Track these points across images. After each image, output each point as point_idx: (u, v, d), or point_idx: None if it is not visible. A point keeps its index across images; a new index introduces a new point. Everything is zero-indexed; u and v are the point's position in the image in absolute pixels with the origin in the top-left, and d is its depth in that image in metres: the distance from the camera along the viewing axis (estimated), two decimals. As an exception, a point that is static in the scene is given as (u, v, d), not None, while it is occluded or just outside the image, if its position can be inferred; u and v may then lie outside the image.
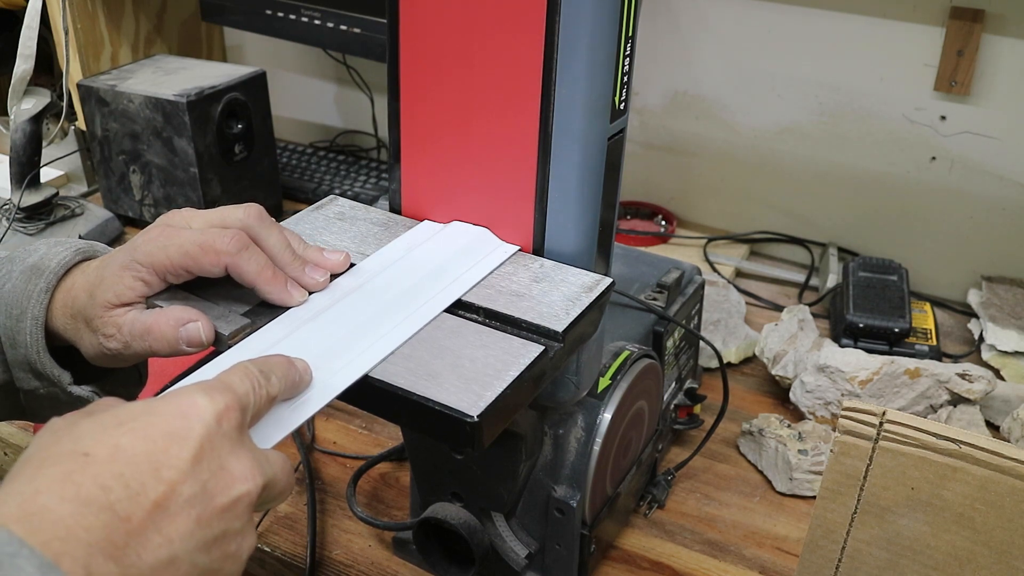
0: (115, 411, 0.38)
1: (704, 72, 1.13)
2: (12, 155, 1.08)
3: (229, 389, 0.40)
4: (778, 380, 0.90)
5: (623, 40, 0.55)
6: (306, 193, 1.25)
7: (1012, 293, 1.03)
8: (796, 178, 1.13)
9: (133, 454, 0.36)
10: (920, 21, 0.99)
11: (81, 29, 1.18)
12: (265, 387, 0.43)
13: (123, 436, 0.37)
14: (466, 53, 0.56)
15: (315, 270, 0.54)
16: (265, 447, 0.43)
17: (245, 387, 0.41)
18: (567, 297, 0.55)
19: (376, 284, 0.56)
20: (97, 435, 0.37)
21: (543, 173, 0.56)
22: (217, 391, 0.40)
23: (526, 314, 0.53)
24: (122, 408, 0.39)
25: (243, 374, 0.42)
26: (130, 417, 0.38)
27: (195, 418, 0.38)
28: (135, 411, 0.38)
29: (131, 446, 0.36)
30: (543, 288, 0.55)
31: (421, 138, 0.60)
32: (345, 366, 0.48)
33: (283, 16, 1.20)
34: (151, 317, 0.50)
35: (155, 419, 0.38)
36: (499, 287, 0.56)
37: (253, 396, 0.42)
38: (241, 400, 0.41)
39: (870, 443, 0.51)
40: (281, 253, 0.53)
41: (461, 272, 0.57)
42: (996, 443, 0.48)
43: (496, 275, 0.57)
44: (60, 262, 0.53)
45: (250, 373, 0.42)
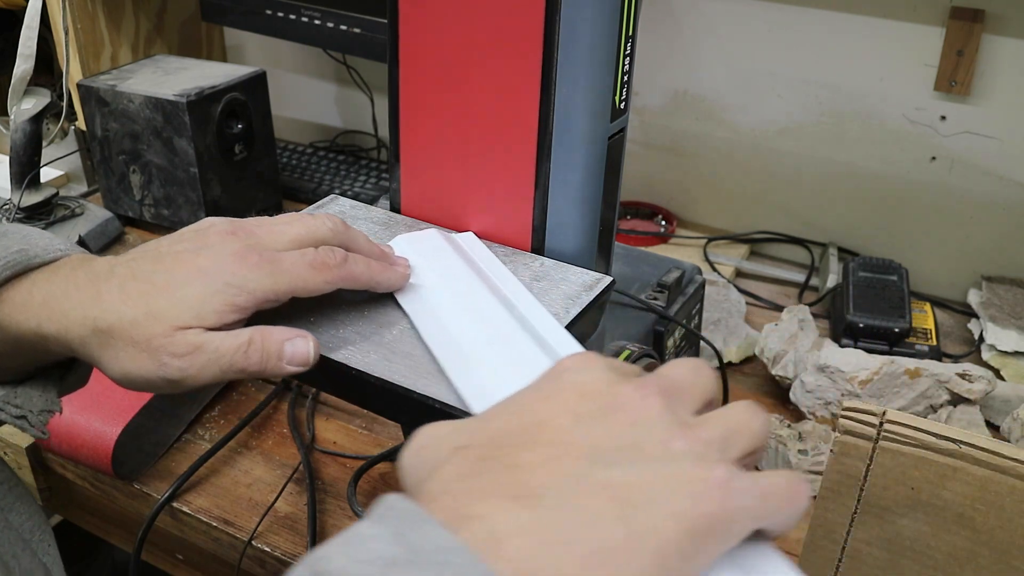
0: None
1: (704, 72, 1.13)
2: (12, 155, 1.08)
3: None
4: (778, 380, 0.90)
5: (623, 40, 0.55)
6: (306, 193, 1.25)
7: (1012, 293, 1.03)
8: (796, 178, 1.13)
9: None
10: (920, 21, 0.99)
11: (81, 29, 1.18)
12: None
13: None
14: (466, 53, 0.56)
15: (397, 257, 0.56)
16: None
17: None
18: (567, 296, 0.55)
19: (449, 303, 0.54)
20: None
21: (543, 172, 0.56)
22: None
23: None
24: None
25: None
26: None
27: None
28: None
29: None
30: (543, 287, 0.55)
31: (421, 138, 0.60)
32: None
33: (283, 16, 1.20)
34: (248, 333, 0.48)
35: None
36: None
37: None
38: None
39: (870, 443, 0.51)
40: (372, 251, 0.54)
41: (481, 268, 0.57)
42: (996, 443, 0.48)
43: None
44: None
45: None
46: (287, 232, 0.51)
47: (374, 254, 0.54)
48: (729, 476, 0.33)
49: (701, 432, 0.35)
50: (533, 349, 0.48)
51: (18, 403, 0.52)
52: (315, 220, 0.52)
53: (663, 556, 0.32)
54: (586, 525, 0.32)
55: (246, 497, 0.78)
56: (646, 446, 0.34)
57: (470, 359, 0.48)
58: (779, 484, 0.35)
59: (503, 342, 0.49)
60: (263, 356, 0.47)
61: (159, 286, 0.47)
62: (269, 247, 0.50)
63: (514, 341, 0.49)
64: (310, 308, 0.53)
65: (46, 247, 0.51)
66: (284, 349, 0.48)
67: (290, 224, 0.51)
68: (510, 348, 0.48)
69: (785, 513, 0.35)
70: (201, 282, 0.47)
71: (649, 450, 0.34)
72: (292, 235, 0.51)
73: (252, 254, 0.48)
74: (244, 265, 0.48)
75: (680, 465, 0.34)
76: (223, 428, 0.85)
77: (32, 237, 0.51)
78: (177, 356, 0.46)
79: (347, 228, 0.53)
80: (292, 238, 0.51)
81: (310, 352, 0.49)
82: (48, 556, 0.57)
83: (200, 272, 0.48)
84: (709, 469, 0.33)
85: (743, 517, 0.33)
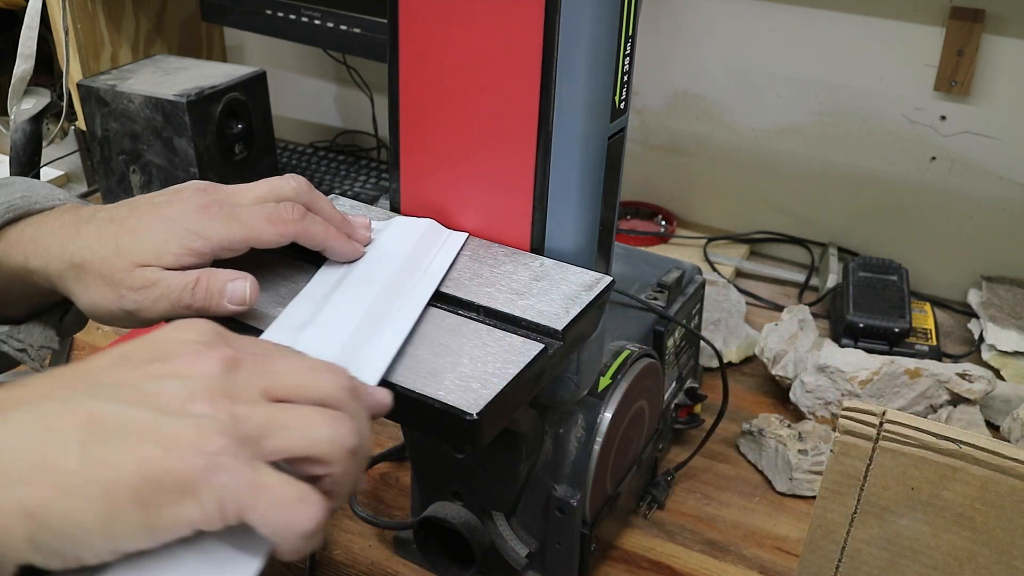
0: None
1: (704, 72, 1.13)
2: (12, 155, 1.08)
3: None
4: (778, 380, 0.90)
5: (623, 40, 0.55)
6: (306, 193, 1.25)
7: (1012, 293, 1.03)
8: (796, 178, 1.13)
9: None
10: (920, 21, 0.99)
11: (81, 29, 1.18)
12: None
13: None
14: (466, 53, 0.56)
15: (361, 227, 0.58)
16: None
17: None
18: (567, 296, 0.55)
19: (358, 276, 0.56)
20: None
21: (543, 172, 0.56)
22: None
23: (526, 312, 0.53)
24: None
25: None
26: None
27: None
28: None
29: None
30: (543, 287, 0.55)
31: (421, 138, 0.60)
32: (365, 368, 0.47)
33: (283, 16, 1.20)
34: (196, 272, 0.51)
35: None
36: (499, 285, 0.56)
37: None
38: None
39: (870, 443, 0.51)
40: (333, 215, 0.57)
41: (427, 263, 0.57)
42: (996, 443, 0.48)
43: (496, 273, 0.57)
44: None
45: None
46: (253, 190, 0.55)
47: (334, 219, 0.56)
48: (222, 450, 0.33)
49: (240, 409, 0.35)
50: (338, 347, 0.49)
51: (20, 338, 0.58)
52: (281, 180, 0.56)
53: (112, 493, 0.32)
54: (44, 442, 0.33)
55: (246, 497, 0.78)
56: (164, 397, 0.35)
57: (283, 327, 0.50)
58: (283, 491, 0.34)
59: (326, 330, 0.50)
60: (207, 294, 0.51)
61: (129, 228, 0.52)
62: (233, 202, 0.53)
63: (335, 332, 0.50)
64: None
65: (47, 195, 0.56)
66: (226, 288, 0.51)
67: (257, 185, 0.55)
68: (326, 337, 0.50)
69: (277, 521, 0.34)
70: (165, 227, 0.51)
71: (163, 400, 0.35)
72: (257, 192, 0.54)
73: (214, 206, 0.53)
74: (205, 215, 0.52)
75: (181, 422, 0.34)
76: (223, 428, 0.85)
77: (36, 187, 0.57)
78: (134, 289, 0.50)
79: (311, 190, 0.56)
80: (257, 195, 0.54)
81: (247, 291, 0.51)
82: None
83: (166, 219, 0.52)
84: (205, 436, 0.33)
85: (222, 495, 0.33)
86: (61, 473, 0.32)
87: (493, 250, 0.60)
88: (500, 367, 0.49)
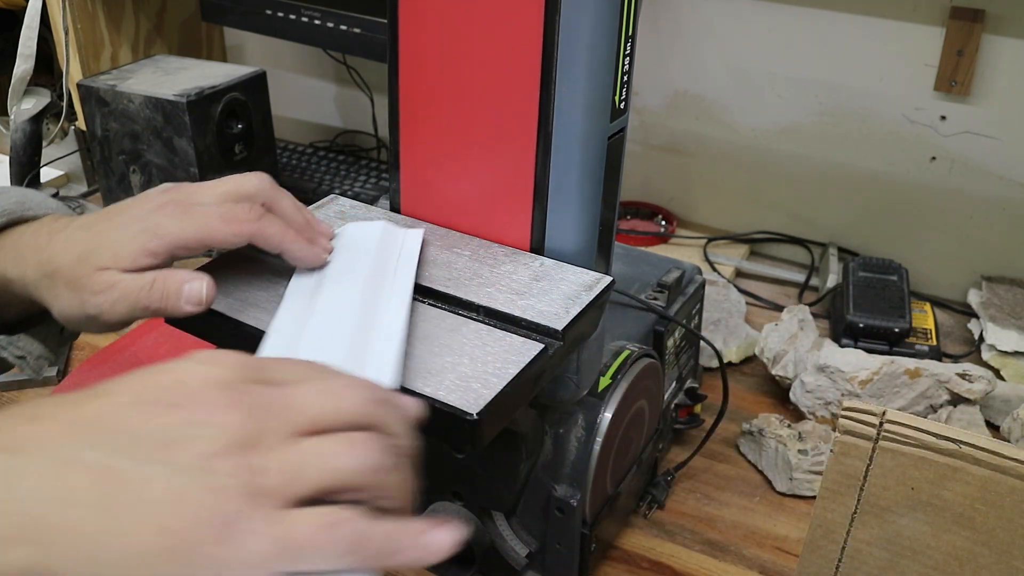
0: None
1: (704, 72, 1.13)
2: (12, 155, 1.09)
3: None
4: (778, 380, 0.90)
5: (623, 40, 0.55)
6: (306, 193, 1.25)
7: (1012, 293, 1.03)
8: (796, 178, 1.13)
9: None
10: (920, 21, 0.99)
11: (81, 29, 1.18)
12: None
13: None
14: (466, 53, 0.56)
15: (322, 235, 0.57)
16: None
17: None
18: (567, 296, 0.55)
19: (332, 282, 0.54)
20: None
21: (543, 172, 0.56)
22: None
23: (526, 312, 0.53)
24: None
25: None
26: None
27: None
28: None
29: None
30: (543, 287, 0.55)
31: (421, 138, 0.60)
32: (379, 375, 0.46)
33: (283, 16, 1.20)
34: (153, 274, 0.51)
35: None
36: (499, 285, 0.56)
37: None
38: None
39: (870, 443, 0.51)
40: (295, 217, 0.55)
41: (395, 262, 0.57)
42: (996, 443, 0.48)
43: (496, 273, 0.57)
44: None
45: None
46: (216, 188, 0.54)
47: (295, 222, 0.55)
48: (241, 515, 0.32)
49: (258, 460, 0.33)
50: (338, 351, 0.48)
51: (20, 345, 0.59)
52: (244, 177, 0.55)
53: (130, 561, 0.31)
54: (57, 499, 0.31)
55: (246, 497, 0.78)
56: (184, 451, 0.33)
57: (280, 340, 0.50)
58: (310, 526, 0.32)
59: (323, 341, 0.49)
60: (163, 294, 0.50)
61: (94, 233, 0.52)
62: (193, 201, 0.53)
63: (332, 342, 0.49)
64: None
65: (40, 203, 0.56)
66: (183, 288, 0.51)
67: (220, 183, 0.54)
68: (325, 347, 0.48)
69: (325, 554, 0.33)
70: (124, 229, 0.51)
71: (182, 455, 0.33)
72: (219, 191, 0.53)
73: (170, 204, 0.52)
74: (160, 214, 0.51)
75: (201, 484, 0.32)
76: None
77: (30, 194, 0.57)
78: (94, 293, 0.50)
79: (274, 188, 0.55)
80: (219, 194, 0.53)
81: (203, 291, 0.51)
82: None
83: (126, 220, 0.52)
84: (221, 499, 0.32)
85: (250, 559, 0.31)
86: (76, 536, 0.31)
87: (493, 250, 0.60)
88: (500, 367, 0.49)
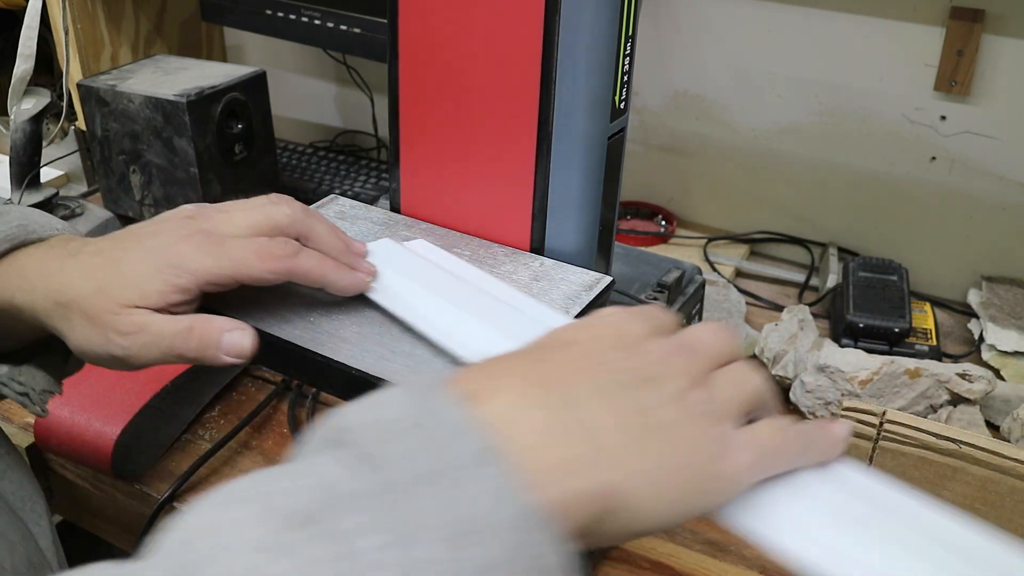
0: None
1: (704, 72, 1.13)
2: (12, 155, 1.08)
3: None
4: (778, 380, 0.90)
5: (623, 40, 0.55)
6: (306, 193, 1.25)
7: (1012, 293, 1.03)
8: (796, 178, 1.13)
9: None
10: (920, 21, 0.99)
11: (81, 29, 1.18)
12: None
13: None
14: (466, 53, 0.56)
15: (359, 253, 0.54)
16: None
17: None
18: (567, 296, 0.55)
19: (422, 292, 0.54)
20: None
21: (543, 172, 0.56)
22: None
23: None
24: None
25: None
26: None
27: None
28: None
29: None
30: (543, 287, 0.55)
31: (421, 138, 0.60)
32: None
33: (283, 16, 1.20)
34: (190, 319, 0.48)
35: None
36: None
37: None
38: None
39: (870, 443, 0.51)
40: (333, 244, 0.53)
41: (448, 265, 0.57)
42: (996, 443, 0.48)
43: (496, 273, 0.57)
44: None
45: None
46: (244, 218, 0.51)
47: (334, 250, 0.52)
48: (724, 435, 0.37)
49: (713, 391, 0.38)
50: (531, 325, 0.48)
51: (22, 380, 0.54)
52: (275, 207, 0.52)
53: (664, 477, 0.34)
54: (603, 428, 0.34)
55: (246, 497, 0.78)
56: (663, 387, 0.37)
57: (471, 339, 0.49)
58: (774, 437, 0.38)
59: (499, 325, 0.49)
60: (201, 343, 0.48)
61: (111, 262, 0.49)
62: (221, 231, 0.50)
63: (511, 322, 0.49)
64: (310, 307, 0.53)
65: (44, 224, 0.53)
66: (222, 339, 0.48)
67: (249, 211, 0.51)
68: (509, 327, 0.49)
69: (806, 458, 0.38)
70: (146, 261, 0.48)
71: (664, 390, 0.37)
72: (249, 221, 0.51)
73: (199, 235, 0.49)
74: (188, 245, 0.48)
75: (691, 413, 0.36)
76: (223, 428, 0.85)
77: (32, 215, 0.53)
78: (121, 334, 0.47)
79: (308, 216, 0.52)
80: (249, 224, 0.50)
81: (246, 345, 0.49)
82: (38, 527, 0.56)
83: (147, 251, 0.48)
84: (711, 423, 0.37)
85: (744, 471, 0.36)
86: (625, 462, 0.34)
87: (493, 250, 0.60)
88: (500, 367, 0.49)
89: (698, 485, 0.35)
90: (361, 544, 0.28)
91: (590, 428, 0.34)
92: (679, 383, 0.37)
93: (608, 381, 0.36)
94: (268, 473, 0.31)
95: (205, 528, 0.29)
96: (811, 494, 0.38)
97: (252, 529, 0.29)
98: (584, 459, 0.33)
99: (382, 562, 0.28)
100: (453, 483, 0.30)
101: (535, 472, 0.31)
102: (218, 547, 0.28)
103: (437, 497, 0.29)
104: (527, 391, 0.34)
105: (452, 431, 0.31)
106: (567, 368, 0.36)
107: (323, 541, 0.28)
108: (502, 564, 0.29)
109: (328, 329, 0.52)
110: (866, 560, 0.35)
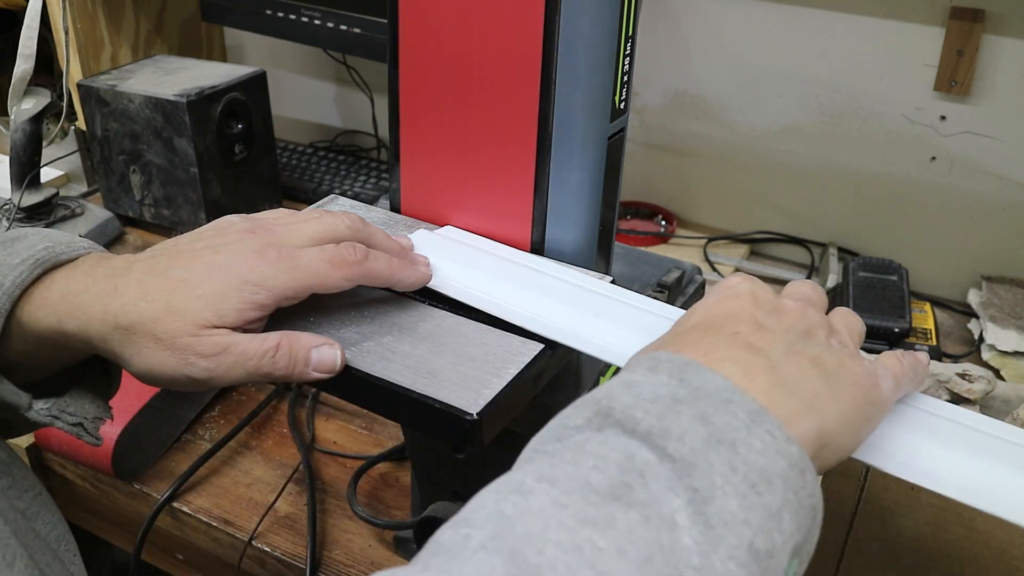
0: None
1: (704, 72, 1.13)
2: (12, 155, 1.08)
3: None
4: (778, 380, 0.90)
5: (623, 40, 0.55)
6: (306, 193, 1.25)
7: (1012, 293, 1.03)
8: (796, 178, 1.13)
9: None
10: (920, 21, 0.99)
11: (81, 29, 1.18)
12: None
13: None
14: (466, 53, 0.56)
15: (410, 248, 0.56)
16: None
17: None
18: (567, 296, 0.55)
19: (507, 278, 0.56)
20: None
21: (543, 172, 0.56)
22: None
23: (526, 313, 0.53)
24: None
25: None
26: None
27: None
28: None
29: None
30: (543, 287, 0.55)
31: (421, 138, 0.60)
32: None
33: (283, 16, 1.20)
34: (276, 337, 0.47)
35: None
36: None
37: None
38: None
39: (870, 442, 0.51)
40: (390, 244, 0.54)
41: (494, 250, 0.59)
42: (996, 442, 0.48)
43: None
44: (15, 282, 0.47)
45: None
46: (305, 230, 0.51)
47: (394, 251, 0.53)
48: (871, 369, 0.43)
49: (841, 334, 0.45)
50: (630, 311, 0.52)
51: (71, 411, 0.52)
52: (334, 218, 0.52)
53: (851, 412, 0.41)
54: (801, 379, 0.40)
55: (246, 497, 0.78)
56: (818, 337, 0.43)
57: (582, 328, 0.51)
58: (899, 365, 0.45)
59: (595, 311, 0.52)
60: (290, 362, 0.47)
61: (176, 281, 0.47)
62: (288, 244, 0.49)
63: (604, 307, 0.52)
64: (309, 307, 0.53)
65: (70, 244, 0.51)
66: (311, 356, 0.48)
67: (308, 222, 0.51)
68: (607, 313, 0.52)
69: (914, 383, 0.46)
70: (218, 279, 0.47)
71: (820, 340, 0.43)
72: (310, 232, 0.50)
73: (271, 250, 0.48)
74: (263, 261, 0.47)
75: (841, 355, 0.43)
76: (223, 428, 0.85)
77: (54, 236, 0.51)
78: (204, 356, 0.46)
79: (365, 225, 0.53)
80: (310, 235, 0.50)
81: (336, 360, 0.48)
82: (75, 566, 0.55)
83: (217, 269, 0.47)
84: (857, 362, 0.43)
85: (889, 396, 0.44)
86: (826, 406, 0.40)
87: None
88: (500, 367, 0.49)
89: (869, 412, 0.42)
90: (666, 509, 0.33)
91: (792, 382, 0.40)
92: (823, 332, 0.44)
93: (785, 341, 0.42)
94: (558, 456, 0.36)
95: (515, 512, 0.33)
96: (919, 423, 0.45)
97: (568, 508, 0.33)
98: (801, 408, 0.39)
99: (686, 523, 0.33)
100: (733, 443, 0.35)
101: (784, 425, 0.37)
102: (540, 525, 0.32)
103: (725, 457, 0.35)
104: (740, 360, 0.40)
105: (721, 400, 0.37)
106: (753, 337, 0.41)
107: (636, 510, 0.33)
108: (786, 506, 0.35)
109: (328, 330, 0.52)
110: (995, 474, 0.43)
